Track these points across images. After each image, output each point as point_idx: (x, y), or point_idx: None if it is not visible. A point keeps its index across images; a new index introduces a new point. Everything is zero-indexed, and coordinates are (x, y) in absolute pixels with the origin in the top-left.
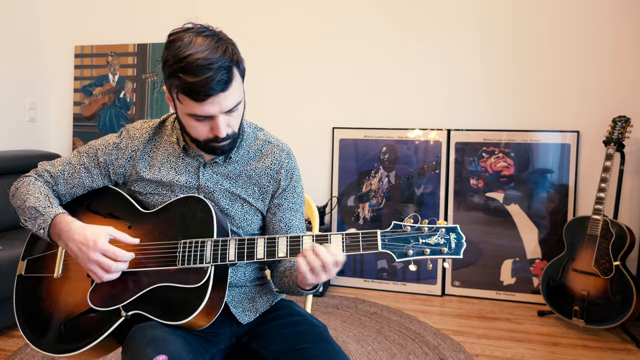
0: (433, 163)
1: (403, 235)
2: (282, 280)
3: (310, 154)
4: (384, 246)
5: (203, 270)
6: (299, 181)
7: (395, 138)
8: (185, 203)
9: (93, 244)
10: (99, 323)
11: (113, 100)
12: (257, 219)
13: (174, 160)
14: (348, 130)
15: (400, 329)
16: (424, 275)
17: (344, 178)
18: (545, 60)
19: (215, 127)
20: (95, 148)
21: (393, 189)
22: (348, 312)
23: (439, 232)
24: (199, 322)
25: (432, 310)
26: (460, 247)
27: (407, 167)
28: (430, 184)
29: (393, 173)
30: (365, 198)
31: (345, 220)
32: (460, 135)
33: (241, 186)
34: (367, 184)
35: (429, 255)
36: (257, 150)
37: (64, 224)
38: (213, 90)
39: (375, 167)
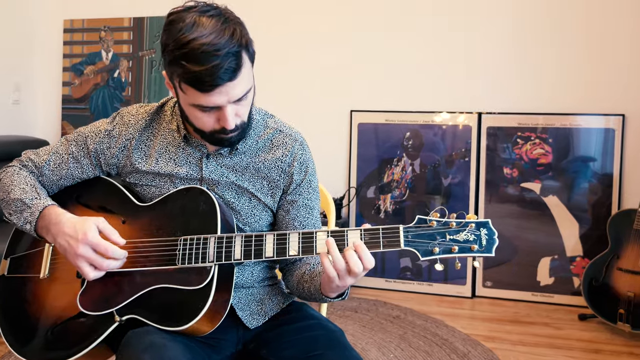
0: (462, 150)
1: (428, 231)
2: (300, 286)
3: (326, 140)
4: (407, 243)
5: (205, 270)
6: (314, 175)
7: (420, 122)
8: (186, 195)
9: (82, 237)
10: (90, 329)
11: (106, 80)
12: (265, 215)
13: (173, 150)
14: (367, 113)
15: (425, 334)
16: (452, 275)
17: (363, 167)
18: (588, 35)
19: (222, 118)
20: (85, 135)
21: (417, 179)
22: (368, 315)
23: (469, 227)
24: (201, 328)
25: (461, 314)
26: (492, 245)
27: (433, 154)
28: (459, 174)
29: (418, 161)
30: (386, 189)
31: (364, 213)
32: (493, 119)
33: (248, 179)
34: (389, 174)
35: (457, 253)
36: (267, 140)
37: (54, 216)
38: (220, 79)
39: (398, 155)
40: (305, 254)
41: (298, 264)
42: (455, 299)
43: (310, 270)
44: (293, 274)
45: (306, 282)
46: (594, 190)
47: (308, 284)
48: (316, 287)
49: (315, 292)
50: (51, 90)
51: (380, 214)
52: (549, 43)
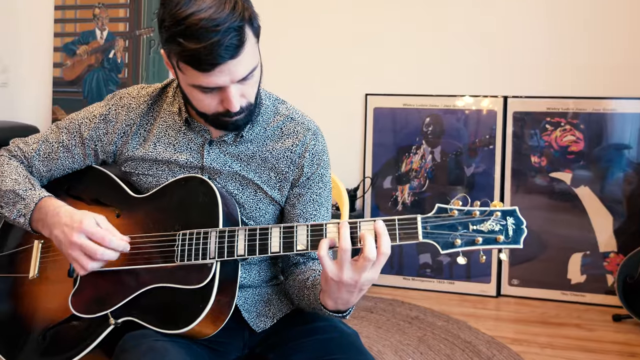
0: (486, 137)
1: (449, 221)
2: (301, 293)
3: (338, 126)
4: (425, 235)
5: (207, 267)
6: (328, 168)
7: (441, 107)
8: (185, 185)
9: (78, 225)
10: (84, 333)
11: (101, 61)
12: (271, 209)
13: (173, 134)
14: (384, 97)
15: (447, 336)
16: (476, 273)
17: (379, 155)
18: (623, 13)
19: (226, 99)
20: (78, 122)
21: (438, 168)
22: (384, 316)
23: (494, 216)
24: (203, 330)
25: (486, 314)
26: (520, 235)
27: (455, 141)
28: (483, 162)
29: (438, 149)
30: (404, 179)
31: (380, 205)
32: (519, 104)
33: (254, 170)
34: (407, 162)
35: (481, 245)
36: (277, 128)
37: (51, 207)
38: (221, 57)
39: (417, 142)
40: (314, 249)
41: (302, 267)
42: (478, 298)
43: (315, 277)
44: (295, 278)
45: (307, 289)
46: (630, 180)
47: (309, 291)
48: (316, 296)
49: (314, 301)
50: (41, 72)
51: (397, 206)
52: (582, 19)
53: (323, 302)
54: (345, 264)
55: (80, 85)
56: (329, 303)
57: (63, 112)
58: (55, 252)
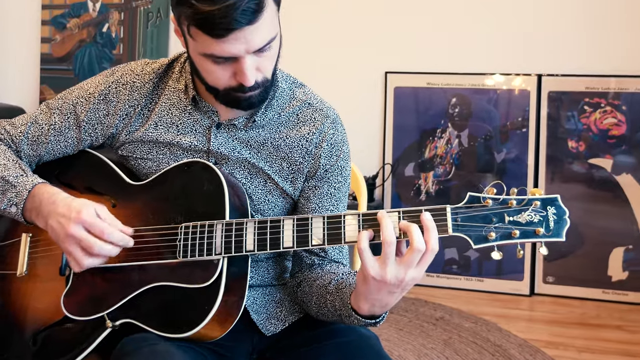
0: (519, 119)
1: (482, 212)
2: (321, 299)
3: (355, 107)
4: (456, 228)
5: (212, 264)
6: (348, 161)
7: (469, 86)
8: (188, 171)
9: (76, 215)
10: (78, 337)
11: (93, 36)
12: (282, 203)
13: (177, 114)
14: (406, 75)
15: (475, 339)
16: (507, 269)
17: (401, 139)
18: None
19: (240, 72)
20: (72, 102)
21: (465, 154)
22: (406, 317)
23: (532, 205)
24: (210, 333)
25: (518, 315)
26: (563, 226)
27: (484, 124)
28: (515, 148)
29: (465, 133)
30: (428, 166)
31: (402, 194)
32: (555, 82)
33: (265, 158)
34: (431, 148)
35: (518, 238)
36: (292, 114)
37: (46, 195)
38: (237, 22)
39: (442, 125)
40: (331, 243)
41: (318, 271)
42: (510, 297)
43: (340, 280)
44: (312, 284)
45: (330, 294)
46: None
47: (333, 297)
48: (344, 301)
49: (341, 307)
50: (27, 47)
51: (420, 195)
52: None
53: (356, 306)
54: (389, 260)
55: (70, 63)
56: (364, 307)
57: (52, 92)
58: (46, 246)
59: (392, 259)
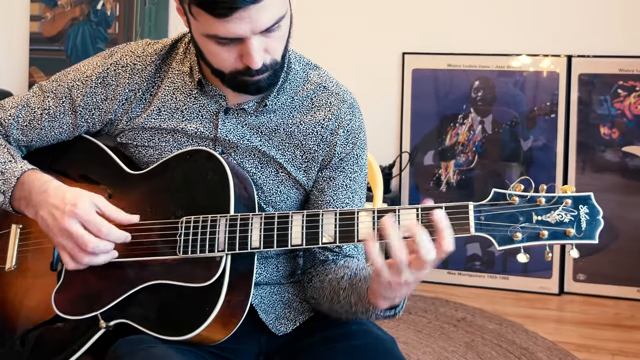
0: (547, 104)
1: (508, 210)
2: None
3: (370, 91)
4: (478, 227)
5: (215, 261)
6: (364, 149)
7: (493, 68)
8: (190, 160)
9: (71, 208)
10: (69, 337)
11: (87, 14)
12: (295, 195)
13: (181, 98)
14: (425, 56)
15: (499, 341)
16: (535, 266)
17: (419, 126)
18: None
19: (246, 54)
20: (68, 85)
21: (489, 142)
22: (425, 317)
23: (563, 204)
24: (212, 336)
25: (546, 316)
26: (595, 228)
27: (509, 109)
28: (542, 134)
29: (489, 118)
30: (449, 154)
31: (420, 185)
32: (587, 64)
33: (277, 146)
34: (453, 135)
35: (546, 239)
36: (306, 98)
37: (36, 183)
38: (240, 0)
39: (464, 110)
40: (343, 241)
41: (331, 265)
42: (538, 296)
43: (353, 274)
44: (324, 279)
45: (344, 290)
46: None
47: (346, 292)
48: (360, 295)
49: (357, 302)
50: (15, 26)
51: (440, 186)
52: None
53: (374, 302)
54: (402, 269)
55: (62, 43)
56: (382, 304)
57: (42, 75)
58: (37, 239)
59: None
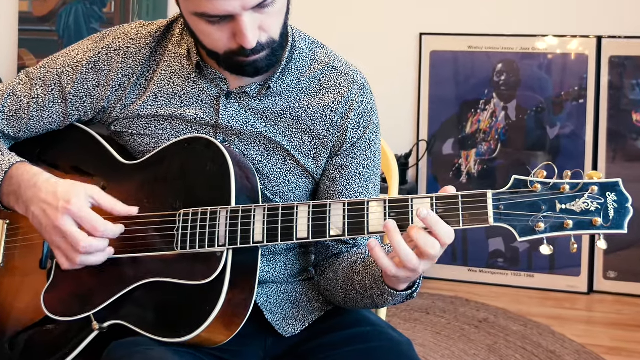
0: (575, 89)
1: (530, 199)
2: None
3: (385, 75)
4: (497, 217)
5: (215, 257)
6: (377, 133)
7: (517, 50)
8: (188, 149)
9: (64, 205)
10: (61, 340)
11: None
12: (303, 183)
13: (179, 83)
14: (444, 38)
15: (524, 344)
16: (562, 262)
17: (438, 112)
18: None
19: (239, 32)
20: (57, 71)
21: (513, 129)
22: (444, 318)
23: (589, 191)
24: (213, 338)
25: (574, 316)
26: (624, 217)
27: (534, 94)
28: (570, 121)
29: (513, 104)
30: (470, 143)
31: (439, 176)
32: (618, 46)
33: (283, 132)
34: (474, 122)
35: (571, 229)
36: (314, 79)
37: (26, 177)
38: None
39: (486, 96)
40: (352, 234)
41: (345, 256)
42: (565, 295)
43: (366, 257)
44: (337, 268)
45: (358, 274)
46: None
47: (361, 276)
48: (375, 277)
49: (372, 285)
50: (4, 4)
51: (461, 177)
52: None
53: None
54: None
55: (53, 23)
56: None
57: (32, 58)
58: (26, 235)
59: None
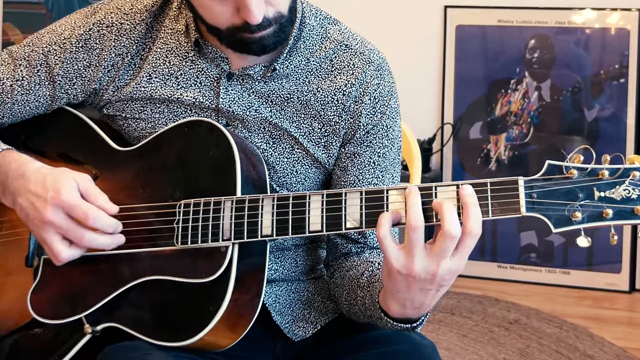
0: (615, 67)
1: (565, 186)
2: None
3: (406, 52)
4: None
5: (219, 252)
6: (396, 118)
7: (551, 24)
8: (188, 133)
9: (54, 195)
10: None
11: None
12: (313, 174)
13: (176, 62)
14: (471, 11)
15: (559, 348)
16: (601, 258)
17: (464, 93)
18: None
19: (242, 6)
20: (43, 50)
21: (547, 111)
22: (471, 319)
23: (630, 177)
24: (217, 341)
25: (614, 317)
26: None
27: (571, 73)
28: (610, 103)
29: (547, 84)
30: (499, 126)
31: (465, 163)
32: None
33: (290, 118)
34: (504, 103)
35: (611, 219)
36: (324, 59)
37: (14, 165)
38: None
39: (518, 75)
40: (371, 227)
41: (353, 259)
42: (605, 294)
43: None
44: (345, 275)
45: (362, 289)
46: None
47: (364, 292)
48: (373, 297)
49: (370, 306)
50: None
51: (490, 164)
52: None
53: (385, 306)
54: (416, 249)
55: None
56: (393, 307)
57: (17, 33)
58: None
59: (419, 247)
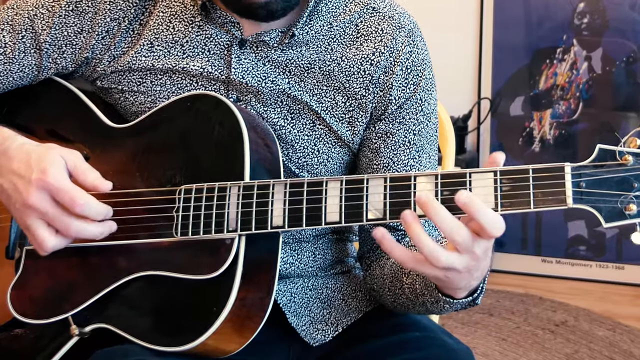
0: None
1: (618, 174)
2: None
3: (439, 19)
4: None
5: (224, 245)
6: (432, 90)
7: None
8: (191, 109)
9: (38, 176)
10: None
11: None
12: (338, 155)
13: (181, 28)
14: None
15: (612, 353)
16: None
17: (503, 64)
18: None
19: None
20: (29, 14)
21: (598, 84)
22: (511, 321)
23: None
24: (221, 345)
25: None
26: None
27: (625, 41)
28: None
29: (598, 53)
30: (544, 101)
31: (505, 143)
32: None
33: (310, 90)
34: (549, 75)
35: None
36: (349, 24)
37: None
38: None
39: (565, 43)
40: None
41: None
42: None
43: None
44: (385, 265)
45: (407, 276)
46: None
47: (411, 278)
48: (426, 282)
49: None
50: None
51: (533, 144)
52: None
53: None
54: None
55: None
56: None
57: None
58: None
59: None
